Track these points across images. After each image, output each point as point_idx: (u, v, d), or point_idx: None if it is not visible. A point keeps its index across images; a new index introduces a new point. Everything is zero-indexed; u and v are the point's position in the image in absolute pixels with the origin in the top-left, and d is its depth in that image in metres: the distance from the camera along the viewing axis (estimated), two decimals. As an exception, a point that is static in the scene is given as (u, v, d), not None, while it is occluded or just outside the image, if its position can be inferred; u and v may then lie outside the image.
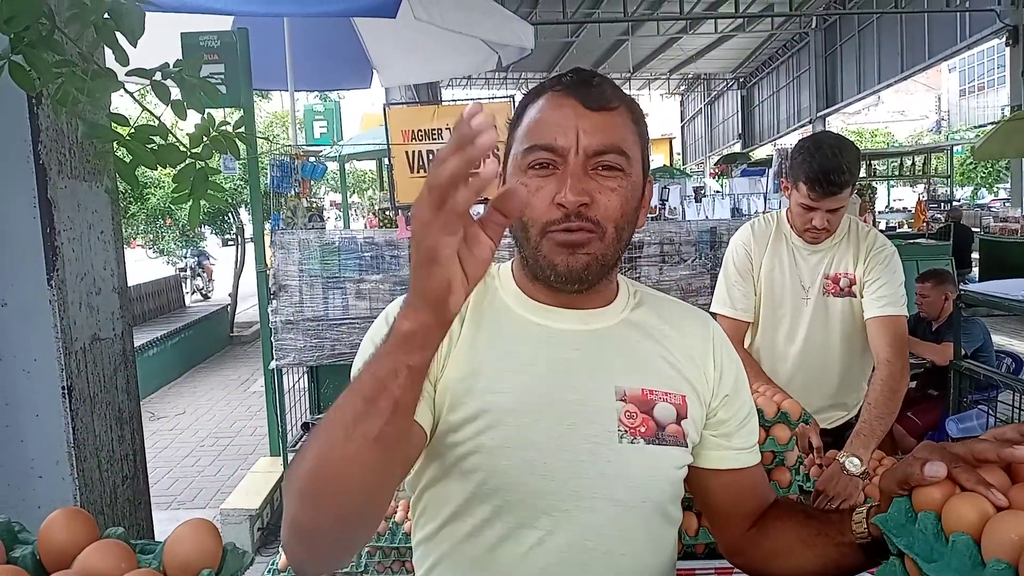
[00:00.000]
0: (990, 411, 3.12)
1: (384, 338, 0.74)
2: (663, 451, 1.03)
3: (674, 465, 1.05)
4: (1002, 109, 15.59)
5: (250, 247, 7.42)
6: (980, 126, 23.36)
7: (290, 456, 4.27)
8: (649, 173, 1.08)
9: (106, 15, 1.20)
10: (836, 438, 2.42)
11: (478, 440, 0.98)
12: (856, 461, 1.99)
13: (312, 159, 4.75)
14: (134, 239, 10.29)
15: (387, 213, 6.82)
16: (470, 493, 0.99)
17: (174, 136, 1.33)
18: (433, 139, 4.78)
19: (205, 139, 1.35)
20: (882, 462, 2.30)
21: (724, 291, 2.49)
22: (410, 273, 0.70)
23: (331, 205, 19.62)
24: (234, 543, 0.89)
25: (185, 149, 1.33)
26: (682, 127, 41.80)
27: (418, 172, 4.79)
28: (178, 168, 1.33)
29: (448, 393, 1.00)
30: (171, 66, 1.29)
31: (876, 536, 0.91)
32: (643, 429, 1.01)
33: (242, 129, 1.42)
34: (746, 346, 2.54)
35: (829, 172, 2.12)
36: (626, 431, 1.01)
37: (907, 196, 19.51)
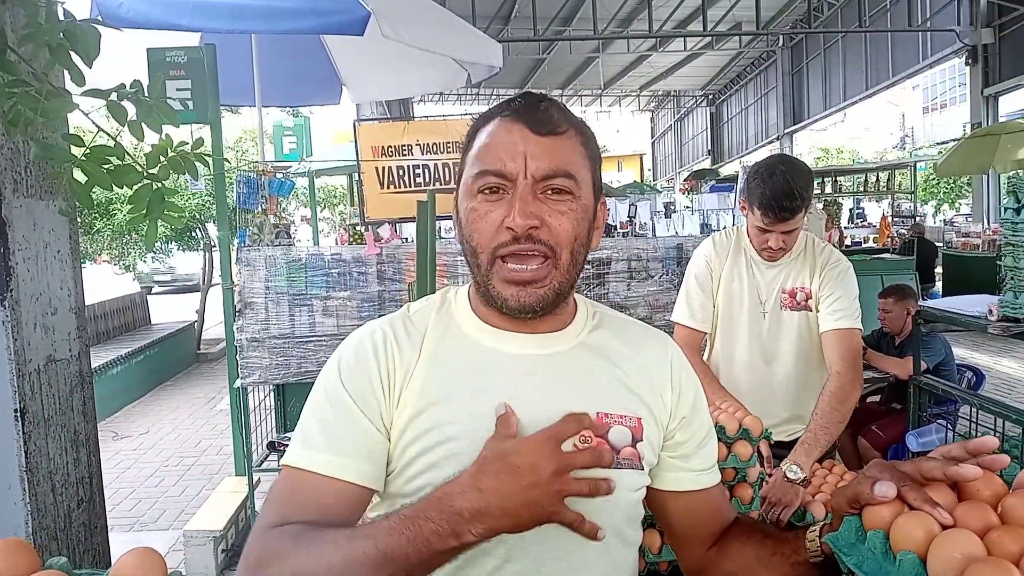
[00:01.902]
0: (949, 425, 3.17)
1: (435, 535, 0.82)
2: (618, 475, 1.02)
3: (630, 488, 1.05)
4: (963, 126, 15.97)
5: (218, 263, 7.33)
6: (943, 143, 23.90)
7: (255, 476, 4.20)
8: (602, 195, 1.08)
9: (61, 35, 1.19)
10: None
11: (434, 472, 0.97)
12: (796, 468, 2.04)
13: (280, 175, 4.72)
14: (99, 255, 10.14)
15: (357, 228, 6.80)
16: None
17: (130, 156, 1.31)
18: (403, 155, 4.79)
19: (162, 159, 1.33)
20: (844, 477, 2.33)
21: (684, 301, 2.56)
22: (502, 499, 0.82)
23: (302, 220, 19.50)
24: (180, 572, 0.87)
25: (142, 169, 1.32)
26: (652, 143, 42.18)
27: (388, 188, 4.78)
28: (134, 188, 1.31)
29: (404, 431, 1.00)
30: (127, 86, 1.28)
31: (829, 554, 0.92)
32: None
33: (201, 149, 1.41)
34: (705, 358, 2.59)
35: (781, 198, 2.19)
36: None
37: (872, 211, 19.91)
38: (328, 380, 1.03)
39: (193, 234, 9.96)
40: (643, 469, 1.06)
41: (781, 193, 2.18)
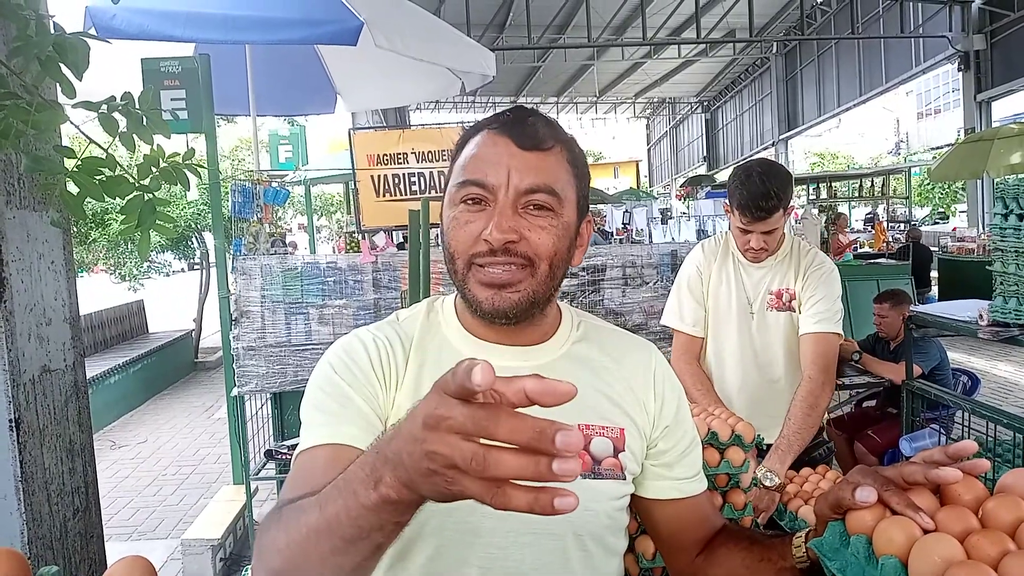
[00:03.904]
0: (942, 430, 3.18)
1: (361, 483, 0.67)
2: (600, 485, 1.03)
3: (611, 497, 1.05)
4: (957, 131, 16.03)
5: (215, 272, 7.34)
6: (937, 148, 23.98)
7: (253, 484, 4.20)
8: (587, 213, 1.08)
9: (51, 48, 1.20)
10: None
11: None
12: (771, 475, 2.09)
13: (275, 184, 4.73)
14: (96, 265, 10.14)
15: (354, 236, 6.80)
16: (414, 533, 0.99)
17: (122, 167, 1.32)
18: (399, 163, 4.80)
19: (154, 170, 1.34)
20: (836, 482, 2.34)
21: (676, 306, 2.62)
22: (413, 456, 0.61)
23: (299, 228, 19.51)
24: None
25: (134, 180, 1.32)
26: (648, 150, 42.33)
27: (383, 196, 4.79)
28: (126, 199, 1.32)
29: None
30: (118, 98, 1.29)
31: (815, 560, 0.93)
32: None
33: (193, 159, 1.42)
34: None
35: (758, 199, 2.26)
36: None
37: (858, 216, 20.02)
38: (320, 375, 1.04)
39: (189, 243, 9.98)
40: (625, 479, 1.07)
41: (758, 194, 2.26)
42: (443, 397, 0.60)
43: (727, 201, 2.41)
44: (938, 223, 24.95)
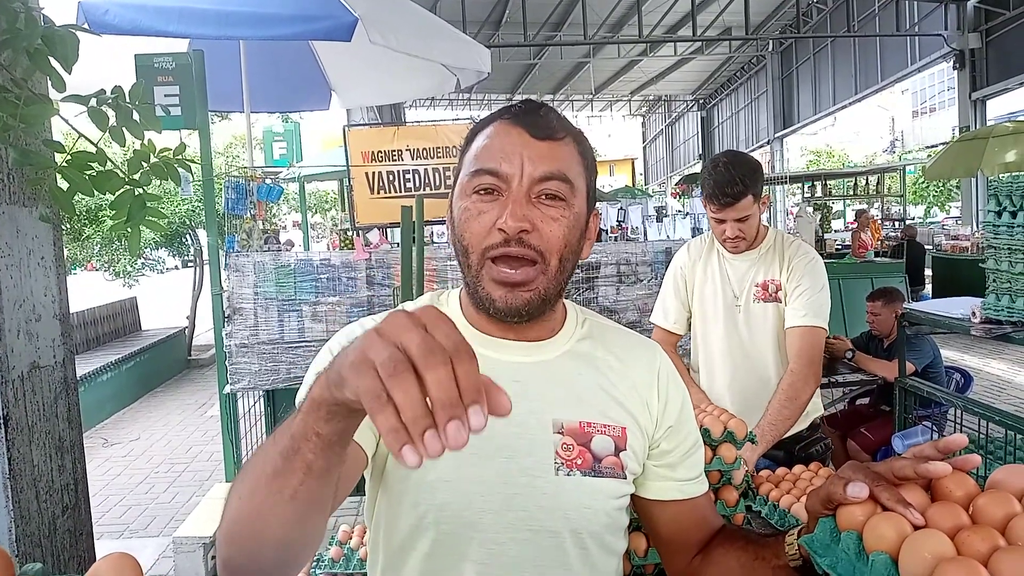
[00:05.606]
0: (934, 427, 3.18)
1: (306, 393, 0.72)
2: (600, 483, 1.03)
3: (611, 496, 1.05)
4: (952, 130, 16.06)
5: (208, 269, 7.31)
6: (932, 146, 24.04)
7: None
8: (595, 207, 1.08)
9: (39, 41, 1.18)
10: (786, 451, 2.48)
11: (418, 475, 0.98)
12: (740, 462, 2.09)
13: (268, 180, 4.72)
14: (89, 261, 10.11)
15: (348, 233, 6.79)
16: (412, 526, 1.00)
17: (112, 162, 1.30)
18: (393, 160, 4.79)
19: (144, 165, 1.33)
20: (828, 478, 2.34)
21: (660, 304, 2.73)
22: (343, 359, 0.62)
23: (293, 225, 19.49)
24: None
25: (123, 175, 1.31)
26: (644, 148, 42.36)
27: (378, 193, 4.78)
28: (116, 195, 1.31)
29: None
30: (107, 92, 1.27)
31: (807, 557, 0.93)
32: (579, 461, 1.01)
33: (184, 155, 1.40)
34: (690, 357, 2.71)
35: (724, 185, 2.32)
36: (562, 463, 1.01)
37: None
38: (321, 361, 1.02)
39: (183, 240, 9.95)
40: (625, 478, 1.06)
41: (723, 181, 2.31)
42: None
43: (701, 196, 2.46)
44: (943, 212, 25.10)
